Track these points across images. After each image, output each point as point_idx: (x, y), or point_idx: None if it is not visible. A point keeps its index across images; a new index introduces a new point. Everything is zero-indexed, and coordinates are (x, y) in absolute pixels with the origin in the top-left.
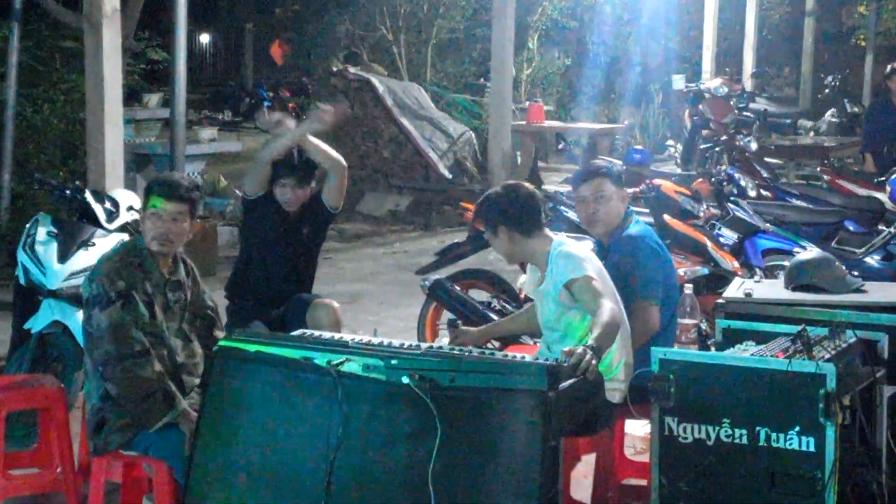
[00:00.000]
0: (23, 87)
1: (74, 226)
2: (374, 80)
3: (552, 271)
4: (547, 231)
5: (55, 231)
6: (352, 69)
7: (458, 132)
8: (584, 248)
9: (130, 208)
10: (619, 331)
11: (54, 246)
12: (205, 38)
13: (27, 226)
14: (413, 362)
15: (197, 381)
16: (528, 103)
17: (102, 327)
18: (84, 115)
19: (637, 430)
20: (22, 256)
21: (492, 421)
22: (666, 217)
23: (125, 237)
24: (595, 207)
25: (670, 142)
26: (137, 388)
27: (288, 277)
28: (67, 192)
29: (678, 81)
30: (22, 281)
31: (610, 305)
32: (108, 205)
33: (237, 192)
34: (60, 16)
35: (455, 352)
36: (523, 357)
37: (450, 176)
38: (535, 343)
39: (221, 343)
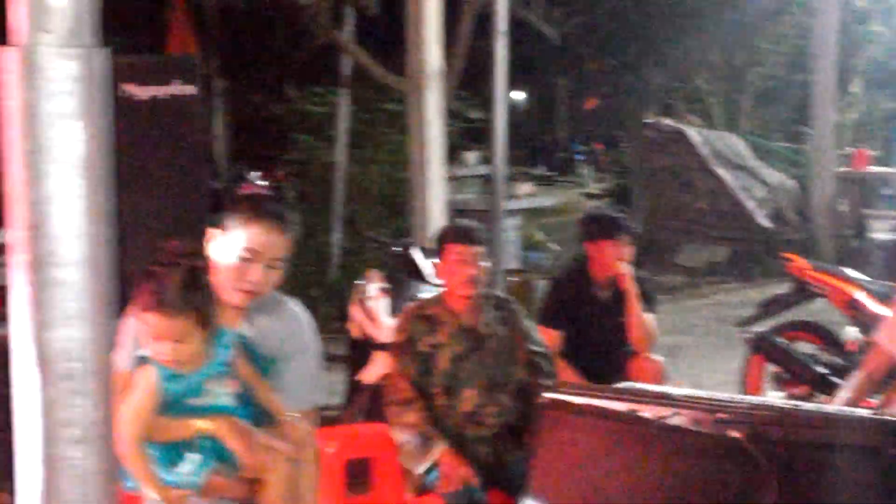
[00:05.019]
0: (350, 148)
1: (402, 282)
2: (689, 131)
3: None
4: None
5: (386, 287)
6: (665, 120)
7: (776, 181)
8: None
9: None
10: None
11: (384, 302)
12: (518, 95)
13: (358, 282)
14: (742, 416)
15: (485, 432)
16: (851, 149)
17: None
18: (405, 174)
19: None
20: (354, 311)
21: (826, 480)
22: None
23: None
24: None
25: None
26: (399, 430)
27: (609, 353)
28: (397, 248)
29: None
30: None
31: None
32: (433, 261)
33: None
34: (385, 80)
35: (787, 405)
36: (860, 411)
37: (769, 225)
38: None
39: (548, 395)
